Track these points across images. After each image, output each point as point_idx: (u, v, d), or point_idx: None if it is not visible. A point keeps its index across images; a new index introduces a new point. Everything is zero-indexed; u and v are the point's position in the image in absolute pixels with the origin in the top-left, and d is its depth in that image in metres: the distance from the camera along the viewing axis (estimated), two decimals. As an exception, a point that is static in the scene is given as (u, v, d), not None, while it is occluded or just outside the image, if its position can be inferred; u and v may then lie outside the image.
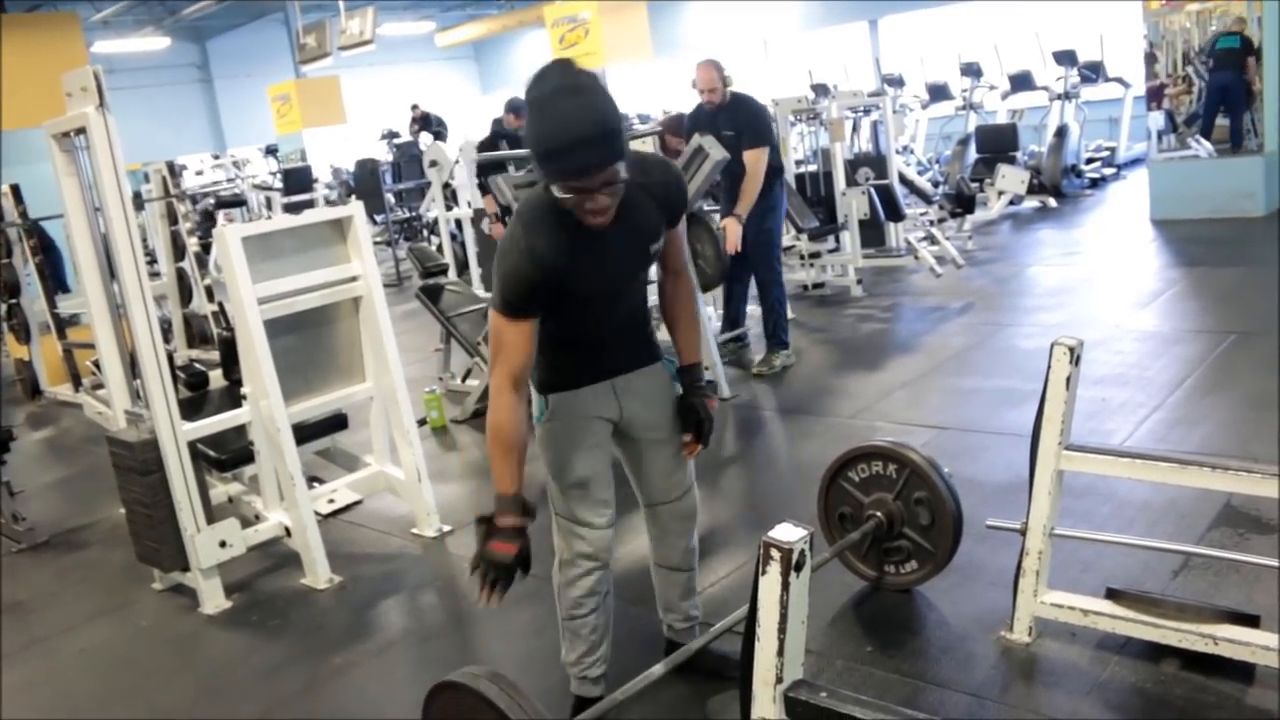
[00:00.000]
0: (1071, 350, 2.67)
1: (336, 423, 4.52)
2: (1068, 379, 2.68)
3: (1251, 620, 2.66)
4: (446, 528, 4.31)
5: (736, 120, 5.80)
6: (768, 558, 1.72)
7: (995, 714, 2.65)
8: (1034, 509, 2.82)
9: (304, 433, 4.21)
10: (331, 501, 4.19)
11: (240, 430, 4.10)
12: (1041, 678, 2.80)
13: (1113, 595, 2.82)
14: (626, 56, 13.23)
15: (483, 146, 8.06)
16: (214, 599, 3.87)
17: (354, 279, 4.11)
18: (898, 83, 13.77)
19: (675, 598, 2.92)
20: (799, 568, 1.71)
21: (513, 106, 8.23)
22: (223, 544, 3.82)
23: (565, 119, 2.11)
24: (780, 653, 1.75)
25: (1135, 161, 12.75)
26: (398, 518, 4.48)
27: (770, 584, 1.72)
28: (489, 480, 4.83)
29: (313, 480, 4.27)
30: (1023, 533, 2.85)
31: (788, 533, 1.71)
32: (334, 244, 4.08)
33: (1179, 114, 9.48)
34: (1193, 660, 2.70)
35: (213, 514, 3.92)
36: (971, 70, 12.89)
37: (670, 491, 2.75)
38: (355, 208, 4.11)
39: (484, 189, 7.65)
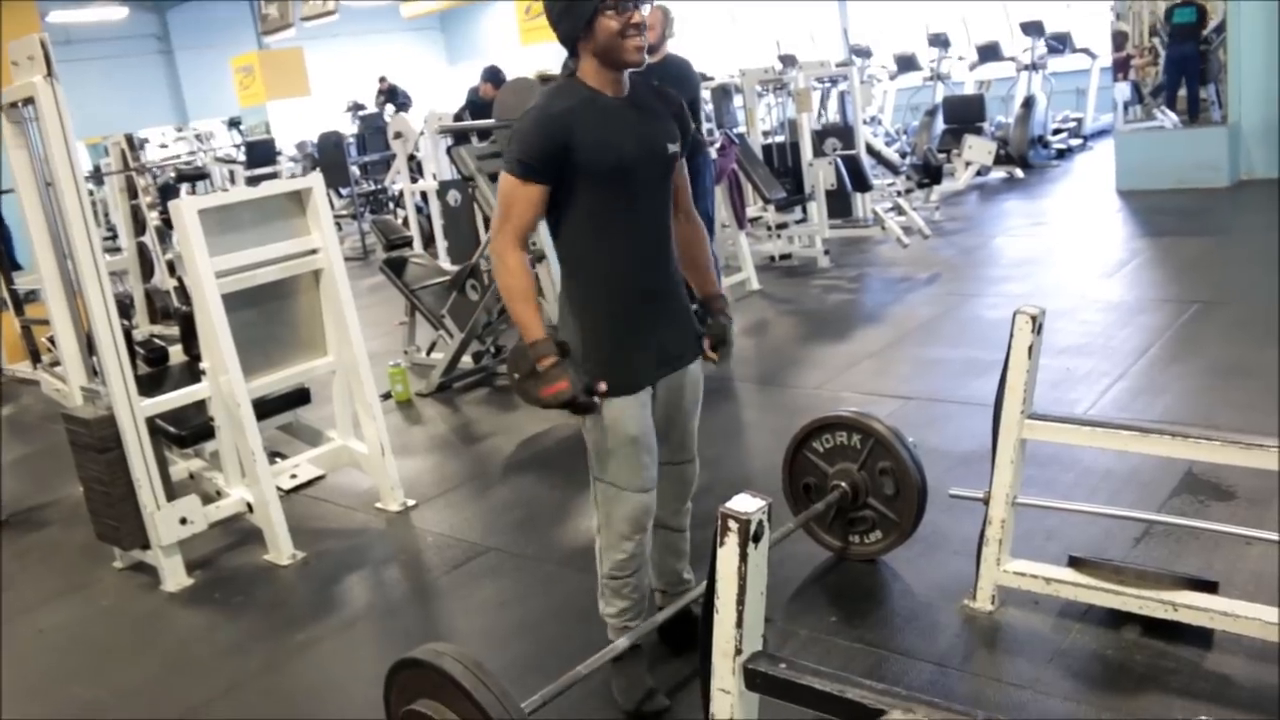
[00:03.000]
0: (1034, 319, 2.67)
1: (298, 397, 4.46)
2: (1030, 348, 2.68)
3: (1210, 586, 2.68)
4: (411, 502, 4.28)
5: (665, 82, 5.68)
6: (725, 529, 1.70)
7: (958, 682, 2.65)
8: (996, 478, 2.82)
9: (265, 408, 4.16)
10: (294, 477, 4.13)
11: (200, 406, 4.04)
12: (1004, 646, 2.82)
13: (1075, 563, 2.84)
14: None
15: (457, 117, 7.96)
16: (175, 576, 3.82)
17: (314, 251, 4.05)
18: (866, 53, 13.72)
19: (671, 559, 2.90)
20: (757, 539, 1.70)
21: (489, 75, 8.12)
22: (183, 521, 3.77)
23: None
24: (739, 624, 1.74)
25: (1102, 132, 12.80)
26: (361, 492, 4.45)
27: (728, 555, 1.71)
28: (454, 454, 4.89)
29: (275, 455, 4.21)
30: (985, 502, 2.86)
31: (745, 503, 1.69)
32: (293, 216, 4.02)
33: (1145, 85, 9.51)
34: (1153, 626, 2.72)
35: (173, 491, 3.86)
36: (939, 41, 12.88)
37: (682, 453, 2.79)
38: (314, 179, 4.05)
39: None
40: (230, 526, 4.13)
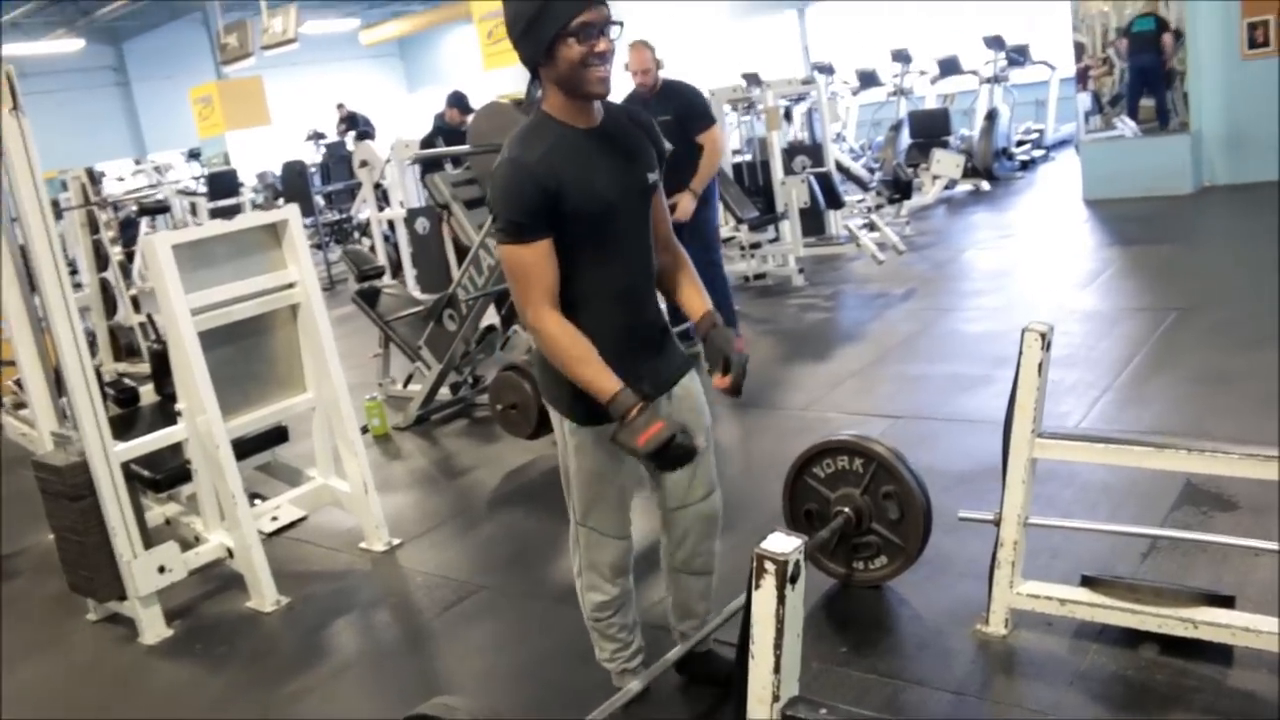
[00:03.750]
0: (1043, 336, 2.63)
1: (276, 436, 4.34)
2: (1040, 365, 2.63)
3: (1227, 601, 2.63)
4: (396, 540, 4.17)
5: (673, 105, 5.69)
6: (761, 570, 1.62)
7: (980, 712, 2.59)
8: (1008, 498, 2.76)
9: (243, 448, 4.03)
10: (275, 519, 4.01)
11: (175, 448, 3.91)
12: (1022, 670, 2.75)
13: (1088, 582, 2.78)
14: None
15: (425, 144, 7.84)
16: (154, 628, 3.68)
17: (291, 285, 3.94)
18: (828, 70, 13.77)
19: (694, 601, 2.76)
20: (794, 580, 1.62)
21: (455, 100, 8.01)
22: (162, 569, 3.64)
23: None
24: (777, 669, 1.66)
25: (1063, 143, 12.93)
26: (344, 532, 4.32)
27: (765, 598, 1.63)
28: (437, 489, 4.78)
29: (254, 497, 4.08)
30: (997, 523, 2.80)
31: (781, 543, 1.61)
32: (269, 249, 3.91)
33: (1104, 95, 9.59)
34: (1171, 644, 2.67)
35: (150, 538, 3.72)
36: (902, 56, 12.95)
37: (694, 492, 2.61)
38: (290, 211, 3.94)
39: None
40: (209, 573, 3.99)
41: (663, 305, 2.57)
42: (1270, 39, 8.46)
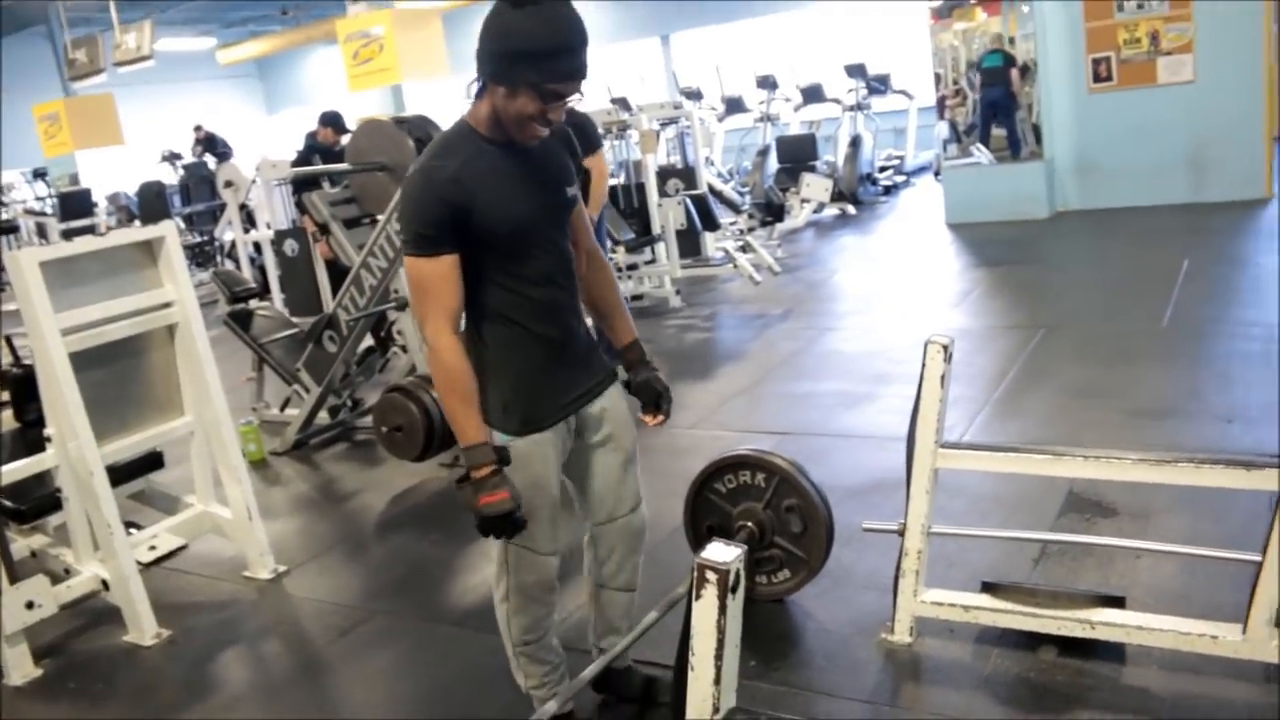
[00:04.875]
0: (945, 348, 2.69)
1: (151, 462, 4.13)
2: (942, 377, 2.69)
3: (1119, 601, 2.74)
4: (282, 568, 4.01)
5: (563, 127, 5.65)
6: (703, 580, 1.61)
7: (894, 718, 2.62)
8: (912, 508, 2.82)
9: (117, 475, 3.81)
10: (153, 548, 3.81)
11: (42, 476, 3.68)
12: (929, 677, 2.81)
13: (989, 589, 2.86)
14: (422, 72, 12.90)
15: (297, 163, 7.59)
16: (21, 668, 3.44)
17: (168, 304, 3.77)
18: (696, 96, 13.99)
19: (617, 618, 2.72)
20: (735, 589, 1.61)
21: (329, 119, 7.81)
22: (30, 605, 3.40)
23: (561, 22, 2.09)
24: (717, 680, 1.65)
25: (922, 169, 13.42)
26: (226, 560, 4.14)
27: (706, 608, 1.61)
28: (321, 514, 4.62)
29: (129, 526, 3.87)
30: (901, 533, 2.85)
31: (722, 552, 1.60)
32: (144, 267, 3.73)
33: (960, 124, 10.00)
34: (1068, 645, 2.76)
35: (15, 572, 3.49)
36: (768, 83, 13.23)
37: (622, 505, 2.59)
38: (167, 227, 3.77)
39: (303, 207, 7.28)
40: (81, 607, 3.76)
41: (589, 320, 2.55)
42: (1113, 74, 8.96)
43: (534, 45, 2.07)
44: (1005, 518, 3.60)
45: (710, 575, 1.60)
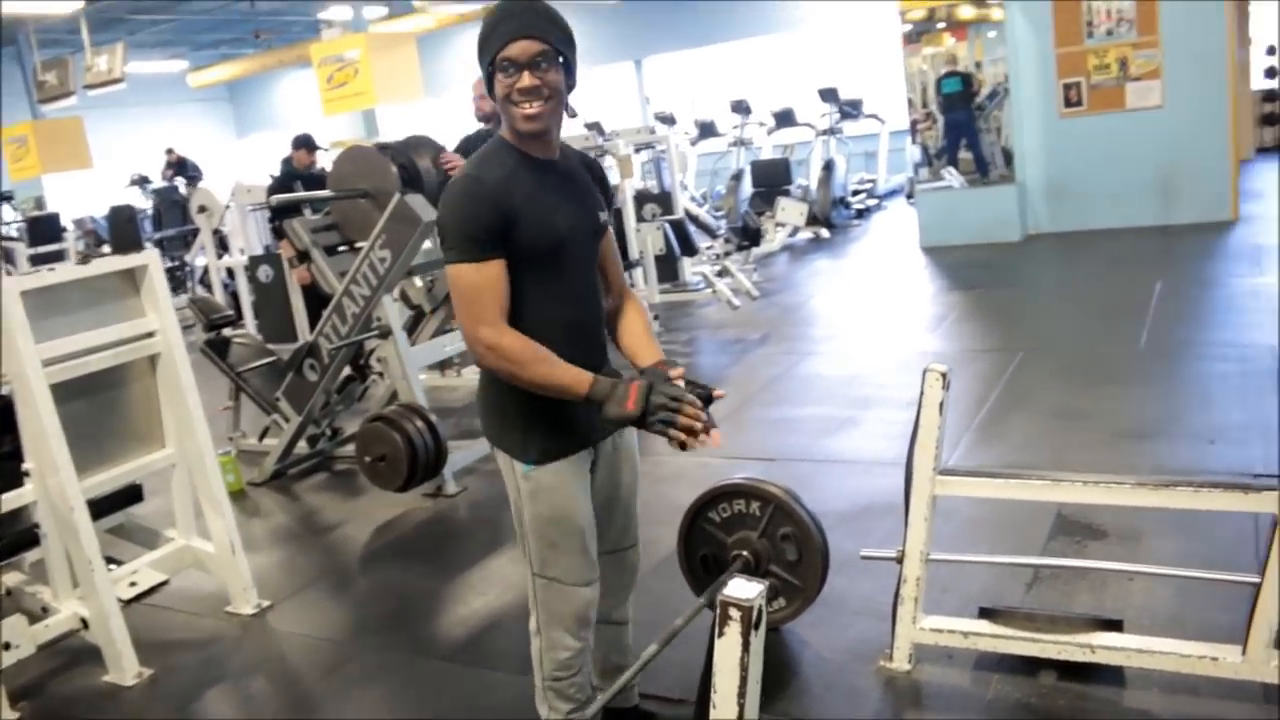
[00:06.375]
0: (943, 376, 2.69)
1: (131, 495, 4.05)
2: (940, 404, 2.69)
3: (1117, 625, 2.74)
4: (266, 602, 3.94)
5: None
6: (726, 618, 1.59)
7: (897, 748, 2.61)
8: (911, 535, 2.81)
9: (95, 509, 3.73)
10: (133, 584, 3.73)
11: (17, 512, 3.59)
12: (932, 704, 2.79)
13: (986, 614, 2.85)
14: (397, 96, 12.88)
15: (275, 188, 7.50)
16: (-1, 710, 3.36)
17: (150, 334, 3.71)
18: (670, 120, 14.05)
19: (615, 656, 2.69)
20: (758, 625, 1.59)
21: (302, 142, 7.75)
22: (7, 646, 3.32)
23: (511, 3, 2.15)
24: (740, 719, 1.62)
25: (893, 193, 13.53)
26: (207, 596, 4.06)
27: (729, 646, 1.59)
28: (304, 547, 4.56)
29: (109, 562, 3.79)
30: (899, 560, 2.84)
31: (744, 589, 1.58)
32: (126, 296, 3.68)
33: (931, 148, 10.10)
34: (1067, 669, 2.76)
35: (-8, 611, 3.41)
36: (741, 107, 13.31)
37: (623, 540, 2.58)
38: (150, 255, 3.72)
39: (280, 233, 7.22)
40: (59, 646, 3.67)
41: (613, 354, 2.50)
42: (1083, 98, 9.09)
43: (484, 31, 2.15)
44: (995, 542, 3.61)
45: (734, 612, 1.58)
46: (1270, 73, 12.19)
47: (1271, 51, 12.15)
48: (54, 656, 3.69)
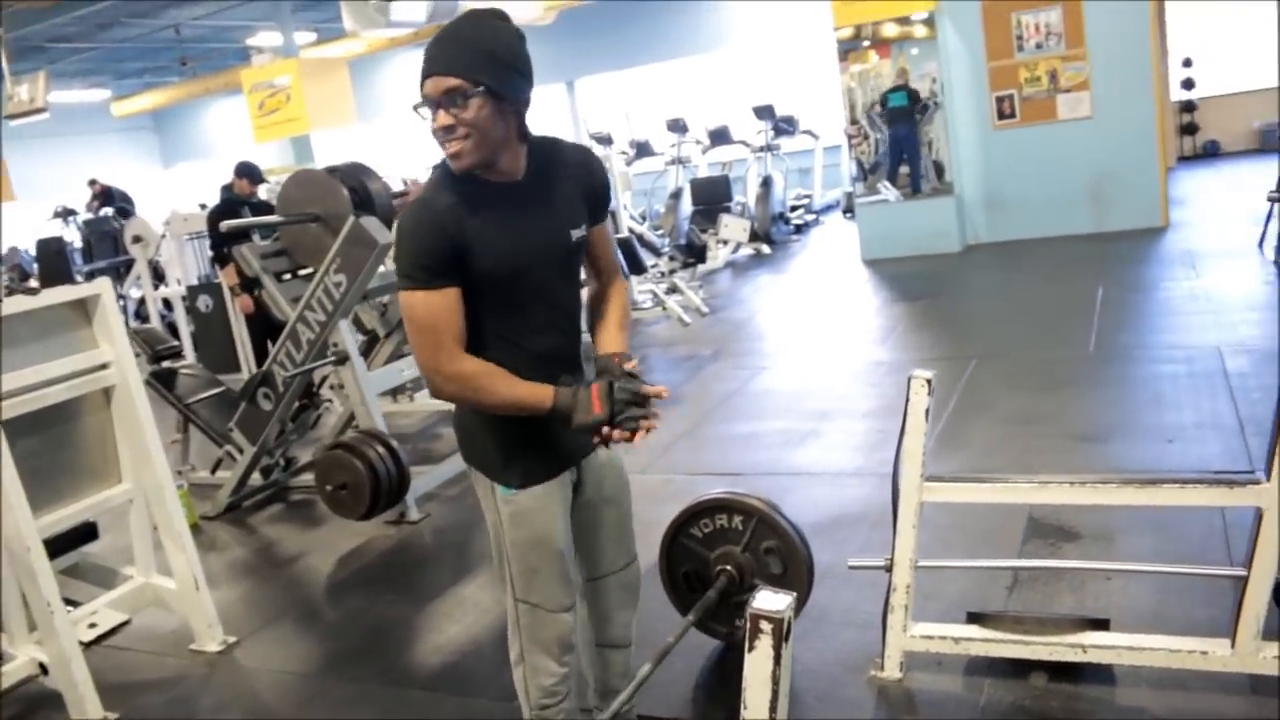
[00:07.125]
0: (928, 382, 2.70)
1: (85, 533, 3.92)
2: (926, 411, 2.70)
3: (1103, 624, 2.77)
4: (232, 638, 3.82)
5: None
6: (757, 631, 1.56)
7: (898, 757, 2.60)
8: (899, 543, 2.81)
9: (50, 548, 3.59)
10: (93, 626, 3.59)
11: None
12: (927, 712, 2.79)
13: (975, 619, 2.86)
14: (330, 121, 12.75)
15: (218, 215, 7.25)
16: (-45, 762, 3.21)
17: (104, 366, 3.59)
18: (607, 141, 14.06)
19: (616, 678, 2.63)
20: (788, 636, 1.57)
21: (244, 170, 7.58)
22: (-38, 695, 3.19)
23: (437, 34, 2.07)
24: (771, 732, 1.60)
25: (829, 207, 13.68)
26: (168, 634, 3.93)
27: (760, 659, 1.57)
28: (266, 580, 4.45)
29: (66, 603, 3.65)
30: (888, 569, 2.84)
31: (773, 601, 1.56)
32: (78, 328, 3.56)
33: (866, 162, 10.22)
34: (1057, 670, 2.78)
35: (-55, 660, 3.27)
36: (678, 126, 13.37)
37: (619, 559, 2.51)
38: (102, 285, 3.61)
39: (222, 260, 7.06)
40: (16, 694, 3.51)
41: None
42: (1016, 110, 9.28)
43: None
44: (971, 549, 3.62)
45: (764, 625, 1.55)
46: (1187, 84, 12.55)
47: (1188, 63, 12.52)
48: (11, 704, 3.54)
